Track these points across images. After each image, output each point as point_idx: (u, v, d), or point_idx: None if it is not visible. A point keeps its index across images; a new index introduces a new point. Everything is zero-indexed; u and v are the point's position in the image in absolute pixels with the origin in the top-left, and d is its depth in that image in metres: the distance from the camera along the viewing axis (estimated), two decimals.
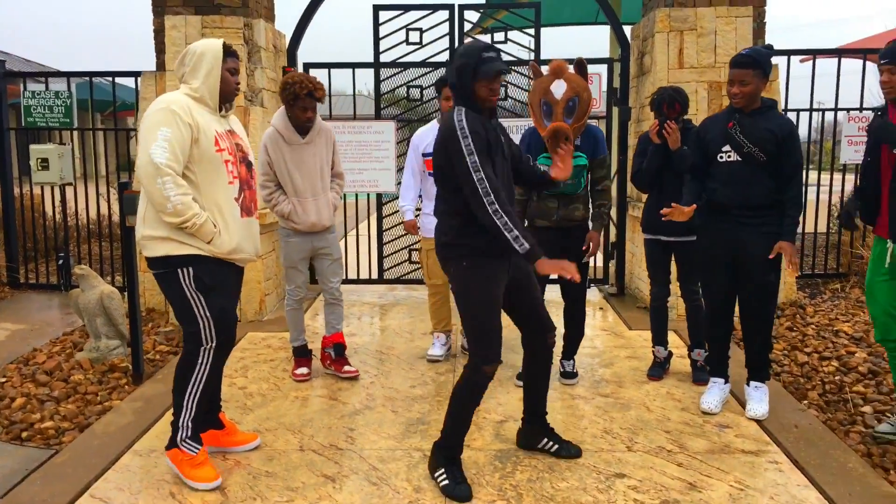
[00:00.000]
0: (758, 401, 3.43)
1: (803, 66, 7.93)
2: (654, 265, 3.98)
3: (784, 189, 3.29)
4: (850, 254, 6.16)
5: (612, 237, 6.17)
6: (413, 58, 6.01)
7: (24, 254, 6.48)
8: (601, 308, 5.65)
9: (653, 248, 3.96)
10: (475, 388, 2.74)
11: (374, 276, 6.61)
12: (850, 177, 7.99)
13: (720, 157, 3.37)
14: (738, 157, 3.31)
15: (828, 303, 5.45)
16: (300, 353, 4.06)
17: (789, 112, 5.79)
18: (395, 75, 6.04)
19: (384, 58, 6.01)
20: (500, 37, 6.03)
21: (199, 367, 2.84)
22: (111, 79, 6.03)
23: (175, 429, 2.88)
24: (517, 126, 5.68)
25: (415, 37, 5.91)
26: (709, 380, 3.64)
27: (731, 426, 3.34)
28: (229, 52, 2.87)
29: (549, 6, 9.09)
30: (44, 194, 6.82)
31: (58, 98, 5.98)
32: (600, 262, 6.55)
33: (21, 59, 19.48)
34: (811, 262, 6.33)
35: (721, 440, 3.19)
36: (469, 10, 5.98)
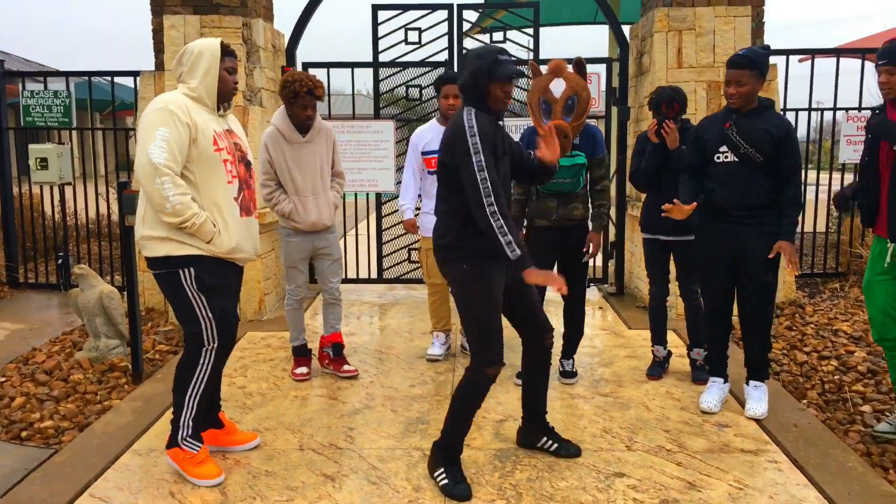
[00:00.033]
0: (757, 400, 3.44)
1: (802, 66, 7.94)
2: (653, 264, 3.98)
3: (782, 189, 3.29)
4: (849, 253, 6.17)
5: (612, 237, 6.17)
6: (412, 57, 5.99)
7: (23, 253, 6.48)
8: (600, 307, 5.65)
9: (651, 248, 3.96)
10: (477, 391, 2.74)
11: (374, 275, 6.60)
12: (848, 176, 8.00)
13: (717, 158, 3.37)
14: (735, 158, 3.31)
15: (827, 302, 5.46)
16: (300, 353, 4.06)
17: (788, 112, 5.79)
18: (394, 75, 6.04)
19: (383, 57, 6.02)
20: (498, 36, 6.03)
21: (200, 367, 2.84)
22: (110, 78, 6.03)
23: (176, 428, 2.88)
24: (516, 126, 5.68)
25: (414, 36, 5.91)
26: (708, 379, 3.64)
27: (731, 425, 3.34)
28: (227, 52, 2.86)
29: (548, 6, 9.09)
30: (43, 194, 6.81)
31: (57, 97, 5.98)
32: (600, 262, 6.55)
33: (20, 59, 19.46)
34: (810, 261, 6.34)
35: (720, 439, 3.20)
36: (468, 10, 5.98)
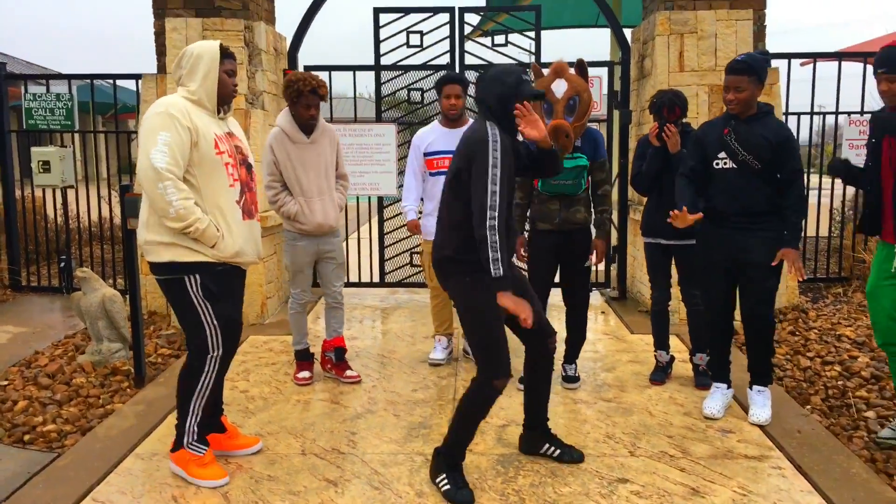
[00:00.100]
0: (760, 406, 3.43)
1: (803, 70, 7.95)
2: (655, 269, 3.97)
3: (784, 195, 3.27)
4: (852, 258, 6.16)
5: (614, 241, 6.16)
6: (413, 61, 5.99)
7: (25, 256, 6.48)
8: (603, 312, 5.65)
9: (653, 252, 3.96)
10: (484, 402, 2.73)
11: (376, 279, 6.60)
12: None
13: (716, 164, 3.36)
14: (734, 165, 3.30)
15: (830, 307, 5.44)
16: (302, 357, 4.06)
17: (790, 116, 5.79)
18: (395, 78, 6.04)
19: (385, 61, 6.01)
20: (500, 39, 6.02)
21: (204, 374, 2.84)
22: (112, 81, 6.03)
23: (181, 433, 2.88)
24: None
25: (415, 40, 5.91)
26: (711, 384, 3.63)
27: (734, 431, 3.33)
28: (226, 54, 2.84)
29: (550, 9, 9.10)
30: (45, 197, 6.81)
31: (59, 100, 5.98)
32: (602, 266, 6.54)
33: (22, 62, 19.50)
34: (813, 266, 6.33)
35: (724, 445, 3.19)
36: (469, 13, 5.98)
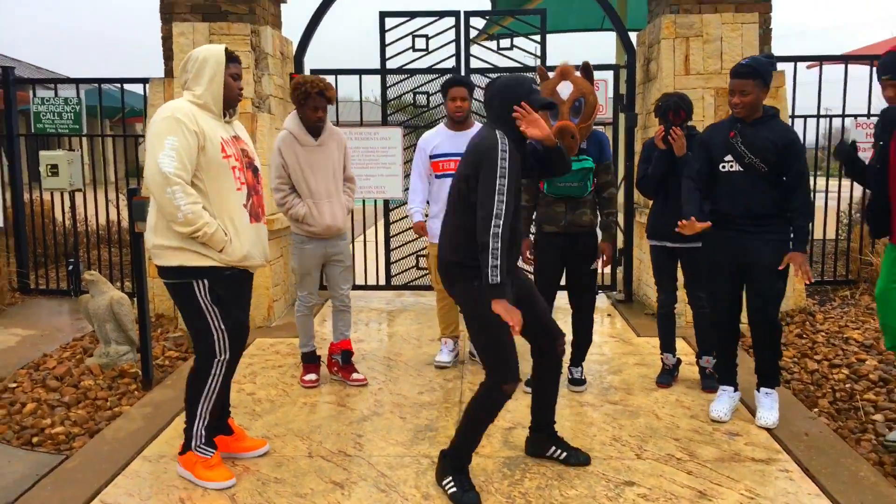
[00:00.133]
0: (768, 408, 3.42)
1: (810, 73, 7.94)
2: (660, 272, 3.97)
3: (790, 198, 3.27)
4: (859, 260, 6.13)
5: (620, 244, 6.16)
6: (419, 64, 6.02)
7: (34, 259, 6.52)
8: (609, 315, 5.64)
9: (658, 255, 3.95)
10: (492, 406, 2.73)
11: (382, 282, 6.61)
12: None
13: (722, 167, 3.36)
14: (740, 168, 3.30)
15: (837, 310, 5.42)
16: (309, 360, 4.07)
17: (796, 119, 5.78)
18: (401, 82, 6.06)
19: (390, 64, 6.03)
20: (505, 43, 6.05)
21: (211, 378, 2.85)
22: (120, 85, 6.07)
23: (189, 437, 2.90)
24: None
25: (421, 43, 5.93)
26: (718, 387, 3.62)
27: (741, 434, 3.32)
28: (231, 58, 2.85)
29: (555, 13, 9.11)
30: (53, 200, 6.85)
31: (67, 104, 6.02)
32: (608, 269, 6.54)
33: (30, 66, 19.62)
34: (821, 268, 6.31)
35: (731, 448, 3.18)
36: (475, 17, 6.00)
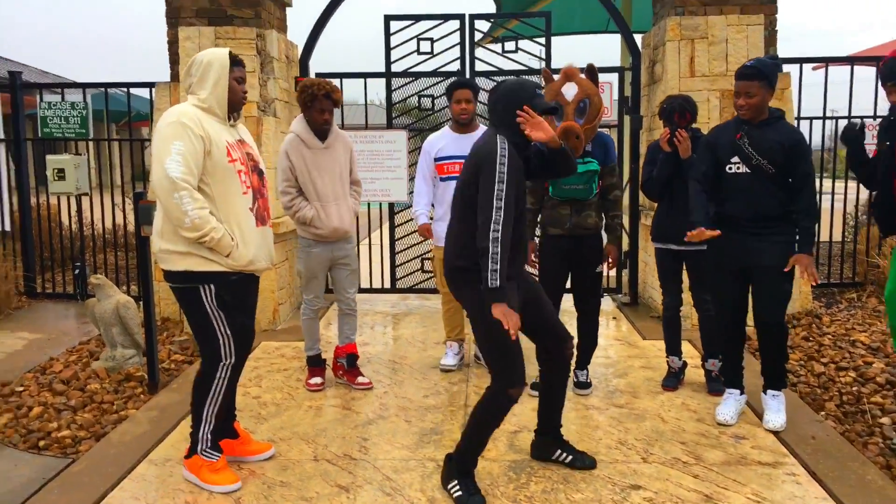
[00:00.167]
0: (775, 411, 3.40)
1: (815, 74, 7.91)
2: (665, 274, 3.96)
3: (796, 200, 3.26)
4: (866, 263, 6.10)
5: (625, 246, 6.15)
6: (424, 67, 6.03)
7: (40, 263, 6.55)
8: (614, 317, 5.63)
9: (663, 258, 3.94)
10: (498, 411, 2.73)
11: (387, 285, 6.62)
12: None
13: (729, 169, 3.35)
14: (747, 169, 3.29)
15: (844, 312, 5.40)
16: (314, 363, 4.07)
17: (802, 120, 5.76)
18: (406, 85, 6.07)
19: (395, 68, 6.05)
20: (510, 46, 6.04)
21: (217, 382, 2.86)
22: (126, 89, 6.10)
23: (195, 441, 2.90)
24: None
25: (426, 46, 5.94)
26: (724, 390, 3.61)
27: (748, 437, 3.31)
28: (235, 61, 2.85)
29: (560, 15, 9.11)
30: (60, 204, 6.88)
31: (73, 109, 6.06)
32: (613, 272, 6.53)
33: (37, 71, 19.73)
34: (827, 271, 6.28)
35: (737, 451, 3.17)
36: (480, 20, 6.01)
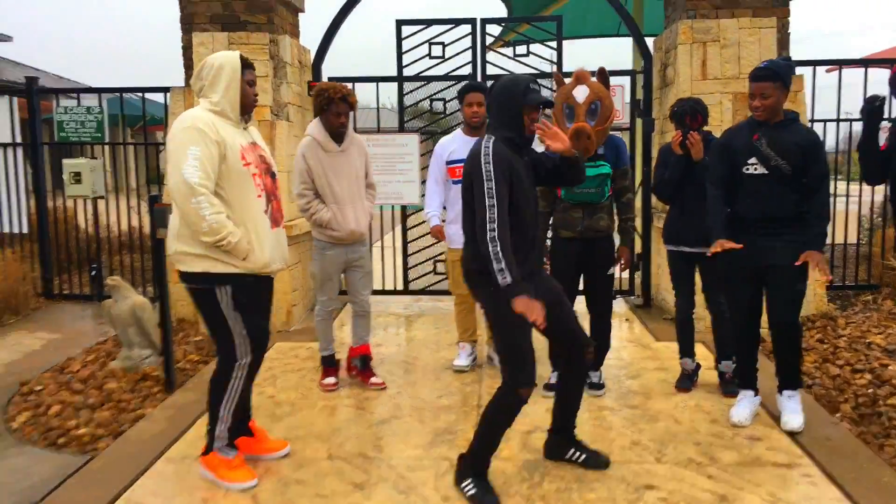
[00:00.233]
0: (792, 412, 3.38)
1: (828, 76, 7.87)
2: (678, 276, 3.96)
3: (809, 200, 3.25)
4: (881, 265, 6.06)
5: (638, 248, 6.14)
6: (435, 71, 6.07)
7: (57, 265, 6.62)
8: (627, 319, 5.62)
9: (676, 260, 3.94)
10: (509, 411, 2.74)
11: (400, 286, 6.64)
12: (879, 187, 7.87)
13: (746, 170, 3.34)
14: (765, 171, 3.28)
15: (859, 315, 5.36)
16: (328, 363, 4.10)
17: (816, 122, 5.74)
18: (418, 89, 6.11)
19: (407, 72, 6.08)
20: (522, 50, 6.07)
21: (233, 381, 2.89)
22: (141, 94, 6.17)
23: (211, 439, 2.93)
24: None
25: (437, 51, 5.98)
26: (738, 392, 3.60)
27: (762, 438, 3.30)
28: (246, 64, 2.87)
29: (572, 19, 9.12)
30: (76, 207, 6.96)
31: (89, 113, 6.13)
32: (626, 274, 6.52)
33: (53, 76, 19.94)
34: (842, 273, 6.24)
35: (752, 452, 3.16)
36: (491, 24, 6.03)
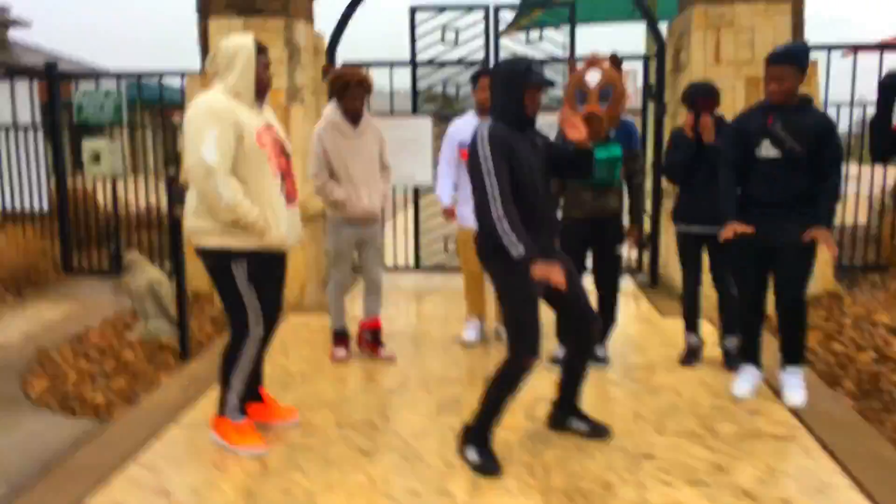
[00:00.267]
0: (794, 387, 3.41)
1: (842, 62, 7.79)
2: (686, 257, 3.99)
3: (822, 180, 3.26)
4: (890, 246, 6.04)
5: (647, 228, 6.17)
6: (449, 57, 6.14)
7: (77, 242, 6.78)
8: (635, 297, 5.67)
9: (685, 240, 3.98)
10: (512, 381, 2.80)
11: (411, 264, 6.74)
12: (891, 170, 7.78)
13: (759, 153, 3.36)
14: (779, 153, 3.29)
15: (867, 294, 5.36)
16: (339, 336, 4.20)
17: (830, 107, 5.71)
18: (431, 74, 6.16)
19: (421, 57, 6.14)
20: (535, 35, 6.09)
21: (245, 353, 2.97)
22: (158, 78, 6.27)
23: (222, 405, 3.02)
24: (550, 123, 5.72)
25: (451, 36, 6.03)
26: (741, 367, 3.64)
27: (763, 412, 3.34)
28: (260, 49, 2.93)
29: (584, 4, 9.07)
30: (96, 187, 7.10)
31: (107, 97, 6.24)
32: (634, 253, 6.57)
33: (71, 61, 20.15)
34: (850, 253, 6.23)
35: (751, 425, 3.20)
36: (504, 10, 6.06)
